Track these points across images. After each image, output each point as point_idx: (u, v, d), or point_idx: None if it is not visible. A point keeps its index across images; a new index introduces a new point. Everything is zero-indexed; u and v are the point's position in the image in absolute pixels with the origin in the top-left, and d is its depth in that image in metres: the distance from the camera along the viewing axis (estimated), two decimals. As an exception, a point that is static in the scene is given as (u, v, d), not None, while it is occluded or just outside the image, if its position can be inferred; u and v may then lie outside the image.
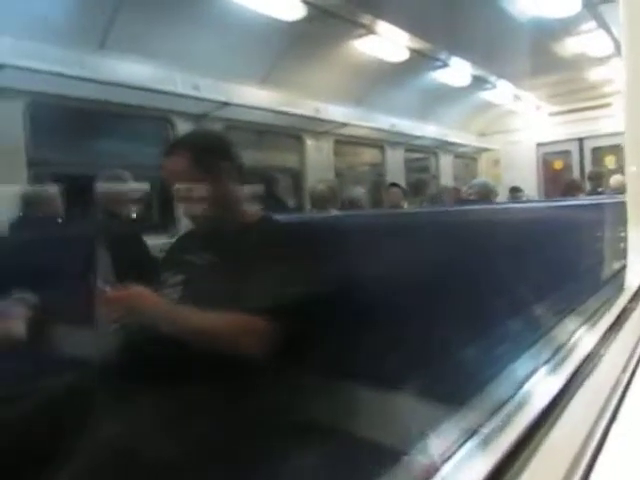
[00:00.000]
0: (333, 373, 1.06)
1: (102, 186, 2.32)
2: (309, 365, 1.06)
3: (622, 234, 0.89)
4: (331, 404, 1.00)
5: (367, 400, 1.04)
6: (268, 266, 1.12)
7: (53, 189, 2.46)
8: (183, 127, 3.78)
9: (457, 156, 7.61)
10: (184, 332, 1.05)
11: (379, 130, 5.74)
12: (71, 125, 3.37)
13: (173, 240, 1.42)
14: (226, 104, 3.99)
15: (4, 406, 1.03)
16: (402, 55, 4.86)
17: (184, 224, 1.38)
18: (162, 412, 0.95)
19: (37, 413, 1.01)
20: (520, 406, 0.36)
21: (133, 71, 3.45)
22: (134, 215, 2.41)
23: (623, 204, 0.89)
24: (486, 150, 7.95)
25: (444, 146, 7.11)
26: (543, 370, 0.43)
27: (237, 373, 0.99)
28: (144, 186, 2.66)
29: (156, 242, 1.91)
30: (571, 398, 0.36)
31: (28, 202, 2.42)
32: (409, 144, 6.46)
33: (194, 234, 1.35)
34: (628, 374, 0.46)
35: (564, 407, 0.36)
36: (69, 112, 3.33)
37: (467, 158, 8.00)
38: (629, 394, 0.42)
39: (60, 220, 2.33)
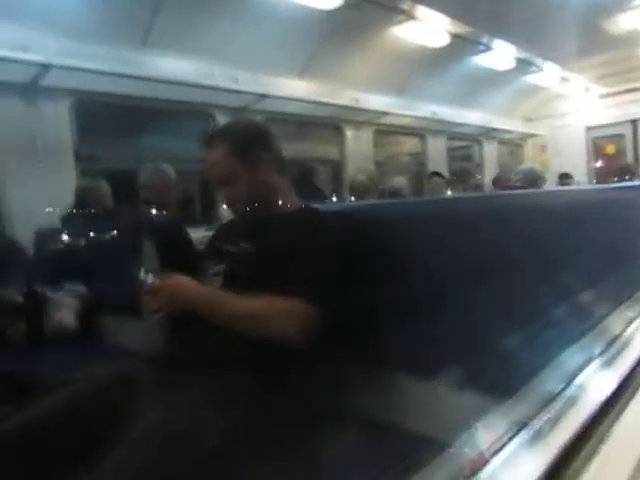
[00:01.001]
0: (377, 361, 1.05)
1: (146, 180, 2.38)
2: (355, 353, 1.06)
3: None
4: (373, 392, 0.99)
5: (412, 389, 1.03)
6: (308, 255, 1.12)
7: (102, 184, 2.54)
8: (223, 121, 3.83)
9: (502, 143, 7.39)
10: (225, 318, 1.06)
11: (420, 118, 5.63)
12: (116, 121, 3.47)
13: (212, 232, 1.44)
14: (265, 96, 4.01)
15: (55, 392, 1.07)
16: (443, 40, 4.74)
17: (225, 215, 1.40)
18: (210, 399, 0.96)
19: (86, 400, 1.05)
20: (573, 400, 0.33)
21: (173, 67, 3.51)
22: (178, 208, 2.46)
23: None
24: (532, 136, 7.68)
25: (488, 133, 6.92)
26: (596, 363, 0.41)
27: (281, 358, 1.00)
28: (187, 179, 2.71)
29: (198, 235, 1.94)
30: (635, 391, 0.34)
31: (79, 197, 2.50)
32: (451, 132, 6.32)
33: (234, 224, 1.36)
34: None
35: (627, 402, 0.33)
36: (114, 109, 3.43)
37: (512, 145, 7.76)
38: None
39: (109, 214, 2.40)
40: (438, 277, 1.11)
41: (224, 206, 1.31)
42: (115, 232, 1.97)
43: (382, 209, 1.60)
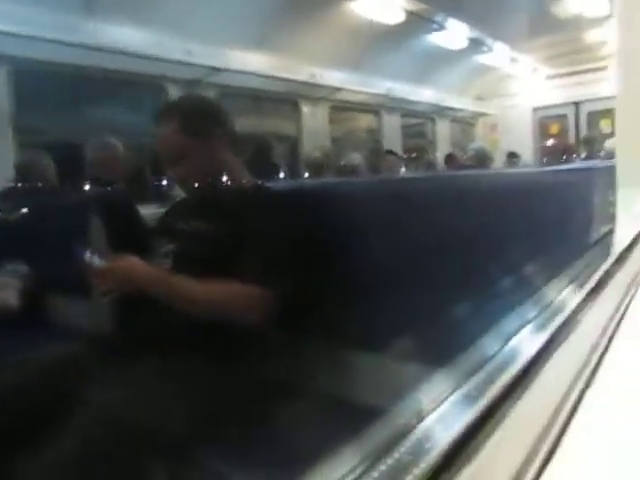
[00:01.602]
0: (326, 337, 1.07)
1: (93, 154, 2.29)
2: (302, 330, 1.07)
3: (612, 199, 0.89)
4: (323, 367, 1.02)
5: (359, 361, 1.06)
6: (261, 234, 1.11)
7: (45, 158, 2.42)
8: (175, 93, 3.72)
9: (454, 121, 7.53)
10: (178, 301, 1.05)
11: (375, 95, 5.65)
12: (61, 92, 3.30)
13: (165, 209, 1.41)
14: (219, 69, 3.91)
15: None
16: (398, 17, 4.74)
17: (177, 192, 1.37)
18: (157, 382, 0.96)
19: (29, 383, 1.02)
20: (504, 361, 0.37)
21: (121, 36, 3.36)
22: (126, 183, 2.39)
23: (614, 168, 0.89)
24: (483, 115, 7.87)
25: (441, 111, 7.03)
26: (527, 329, 0.44)
27: (233, 341, 1.00)
28: (136, 153, 2.63)
29: (149, 211, 1.90)
30: (549, 358, 0.37)
31: (19, 171, 2.38)
32: (405, 109, 6.38)
33: (186, 202, 1.33)
34: (607, 337, 0.47)
35: (547, 360, 0.37)
36: (56, 78, 3.26)
37: (464, 123, 7.92)
38: (607, 356, 0.44)
39: (53, 190, 2.31)
40: (389, 253, 1.14)
41: (174, 182, 1.28)
42: (60, 209, 1.90)
43: (337, 188, 1.62)
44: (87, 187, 2.16)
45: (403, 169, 4.63)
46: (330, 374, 1.02)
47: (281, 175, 3.97)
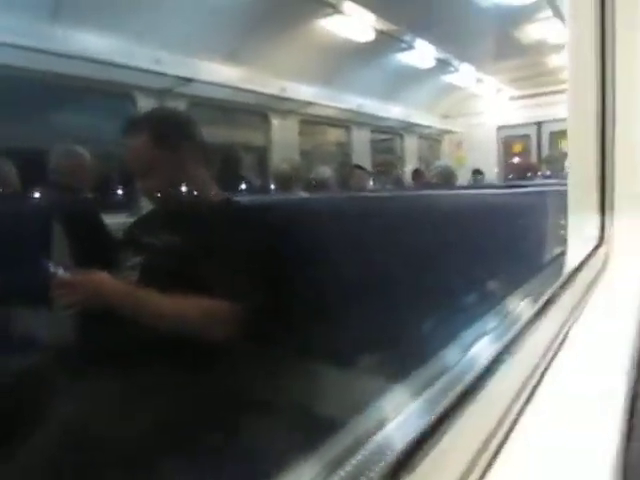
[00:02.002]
0: (294, 352, 1.08)
1: (58, 162, 2.25)
2: (269, 346, 1.08)
3: (563, 222, 0.95)
4: (289, 380, 1.03)
5: (329, 375, 1.08)
6: (229, 248, 1.12)
7: (6, 164, 2.37)
8: (144, 103, 3.69)
9: (421, 137, 7.69)
10: (144, 316, 1.05)
11: (345, 110, 5.73)
12: (25, 98, 3.23)
13: (132, 220, 1.40)
14: (190, 80, 3.90)
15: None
16: (368, 36, 4.85)
17: (145, 203, 1.36)
18: (119, 397, 0.95)
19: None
20: (462, 369, 0.39)
21: (88, 43, 3.32)
22: (92, 193, 2.35)
23: (566, 192, 0.95)
24: (449, 132, 8.07)
25: (409, 127, 7.17)
26: (485, 340, 0.47)
27: (199, 356, 1.00)
28: (102, 162, 2.59)
29: (115, 221, 1.88)
30: (498, 369, 0.40)
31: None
32: (375, 125, 6.48)
33: (154, 215, 1.33)
34: (555, 346, 0.52)
35: (499, 365, 0.40)
36: (20, 84, 3.19)
37: (431, 140, 8.11)
38: (557, 359, 0.48)
39: (15, 198, 2.25)
40: (352, 268, 1.16)
41: (143, 195, 1.28)
42: (21, 218, 1.86)
43: (304, 203, 1.65)
44: (51, 195, 2.12)
45: (371, 183, 4.71)
46: (295, 386, 1.03)
47: (250, 188, 3.97)
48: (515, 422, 0.38)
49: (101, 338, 1.08)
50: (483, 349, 0.45)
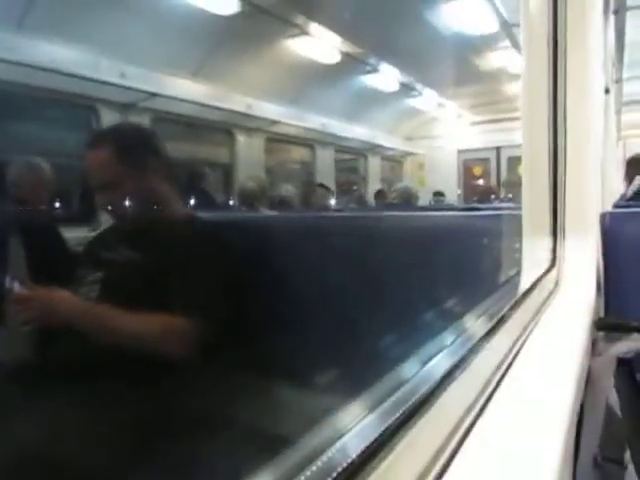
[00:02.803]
0: (254, 370, 1.08)
1: (15, 175, 2.19)
2: (230, 364, 1.08)
3: (518, 245, 1.00)
4: (247, 396, 1.03)
5: (292, 390, 1.08)
6: (190, 266, 1.12)
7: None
8: (108, 116, 3.63)
9: (384, 158, 7.85)
10: (103, 334, 1.03)
11: (310, 130, 5.81)
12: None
13: (92, 234, 1.38)
14: (155, 95, 3.88)
15: None
16: (334, 57, 4.95)
17: (105, 218, 1.34)
18: (75, 415, 0.93)
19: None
20: (418, 382, 0.41)
21: (52, 54, 3.26)
22: (50, 206, 2.29)
23: (521, 216, 1.00)
24: (411, 154, 8.27)
25: (373, 148, 7.32)
26: (441, 355, 0.49)
27: (157, 374, 0.99)
28: (62, 176, 2.53)
29: (75, 235, 1.84)
30: (452, 382, 0.42)
31: None
32: (339, 145, 6.59)
33: (115, 230, 1.31)
34: (507, 362, 0.55)
35: (453, 379, 0.42)
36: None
37: (394, 161, 8.28)
38: (508, 375, 0.51)
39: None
40: (312, 286, 1.18)
41: (105, 211, 1.26)
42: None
43: (267, 221, 1.66)
44: (8, 208, 2.06)
45: (333, 202, 4.78)
46: (254, 402, 1.03)
47: (213, 204, 3.94)
48: (468, 431, 0.40)
49: (59, 355, 1.06)
50: (439, 363, 0.47)
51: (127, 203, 1.21)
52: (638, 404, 1.24)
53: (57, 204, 2.43)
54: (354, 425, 0.33)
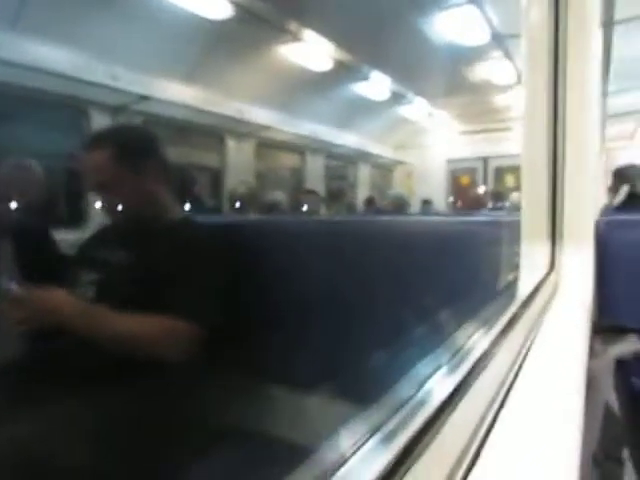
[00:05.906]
0: (250, 374, 1.07)
1: (6, 175, 2.16)
2: (225, 367, 1.07)
3: (517, 249, 1.00)
4: (247, 405, 1.02)
5: (281, 401, 1.07)
6: (186, 268, 1.11)
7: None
8: (99, 118, 3.61)
9: (374, 166, 7.89)
10: (97, 334, 1.02)
11: (300, 136, 5.81)
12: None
13: (86, 235, 1.36)
14: (146, 98, 3.86)
15: None
16: (326, 65, 4.98)
17: (98, 219, 1.33)
18: (71, 417, 0.92)
19: None
20: (420, 403, 0.40)
21: (45, 55, 3.23)
22: (43, 208, 2.26)
23: (519, 222, 1.01)
24: (401, 163, 8.32)
25: (363, 156, 7.35)
26: (442, 371, 0.48)
27: (154, 376, 0.98)
28: (54, 176, 2.50)
29: (69, 236, 1.81)
30: (464, 395, 0.42)
31: None
32: (329, 152, 6.60)
33: (110, 231, 1.30)
34: (514, 372, 0.54)
35: (457, 403, 0.41)
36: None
37: (384, 169, 8.33)
38: (515, 387, 0.50)
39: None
40: (308, 290, 1.17)
41: (102, 212, 1.25)
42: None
43: (260, 225, 1.65)
44: (0, 209, 2.03)
45: (323, 209, 4.79)
46: (251, 413, 1.02)
47: (203, 208, 3.92)
48: (481, 446, 0.40)
49: (54, 356, 1.04)
50: (445, 377, 0.46)
51: (124, 204, 1.20)
52: (636, 404, 1.26)
53: (49, 205, 2.40)
54: (356, 449, 0.32)
